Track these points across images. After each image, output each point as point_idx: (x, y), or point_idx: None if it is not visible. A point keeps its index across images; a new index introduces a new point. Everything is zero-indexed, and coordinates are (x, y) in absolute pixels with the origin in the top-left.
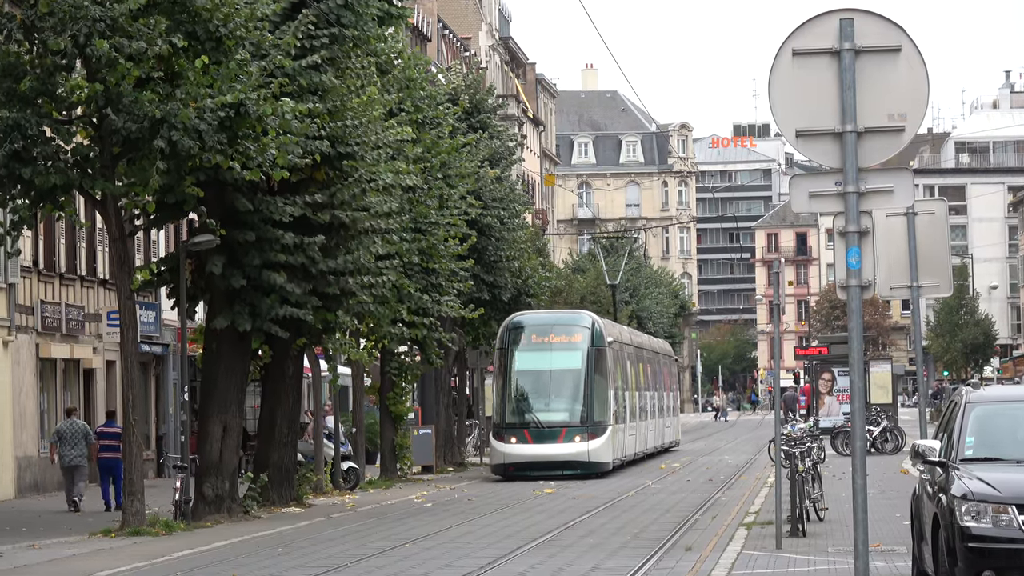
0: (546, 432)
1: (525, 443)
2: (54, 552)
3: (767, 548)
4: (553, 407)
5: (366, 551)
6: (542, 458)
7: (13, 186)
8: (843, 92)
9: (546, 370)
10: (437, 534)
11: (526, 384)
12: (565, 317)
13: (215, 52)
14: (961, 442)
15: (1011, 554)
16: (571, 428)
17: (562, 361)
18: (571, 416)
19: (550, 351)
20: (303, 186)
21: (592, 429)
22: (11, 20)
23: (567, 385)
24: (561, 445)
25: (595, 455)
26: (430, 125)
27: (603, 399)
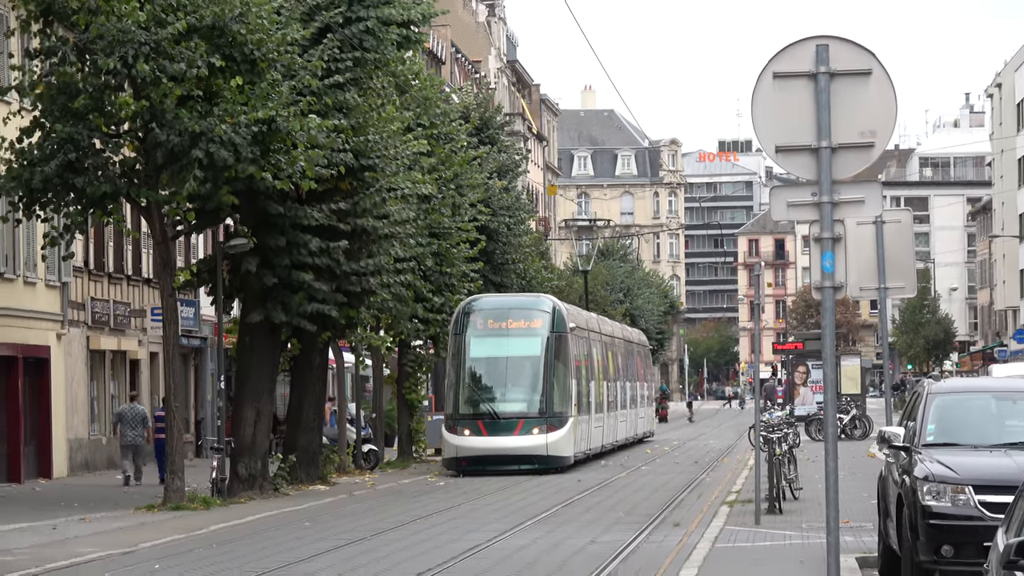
0: (502, 423)
1: (479, 435)
2: (102, 525)
3: (747, 524)
4: (510, 397)
5: (385, 525)
6: (497, 451)
7: (67, 194)
8: (819, 111)
9: (502, 357)
10: (448, 510)
11: (481, 372)
12: (524, 301)
13: (249, 73)
14: (923, 429)
15: (968, 531)
16: (529, 419)
17: (520, 348)
18: (529, 407)
19: (507, 337)
20: (329, 195)
21: (551, 421)
22: (65, 43)
23: (525, 373)
24: (518, 438)
25: (554, 448)
26: (444, 140)
27: (564, 389)
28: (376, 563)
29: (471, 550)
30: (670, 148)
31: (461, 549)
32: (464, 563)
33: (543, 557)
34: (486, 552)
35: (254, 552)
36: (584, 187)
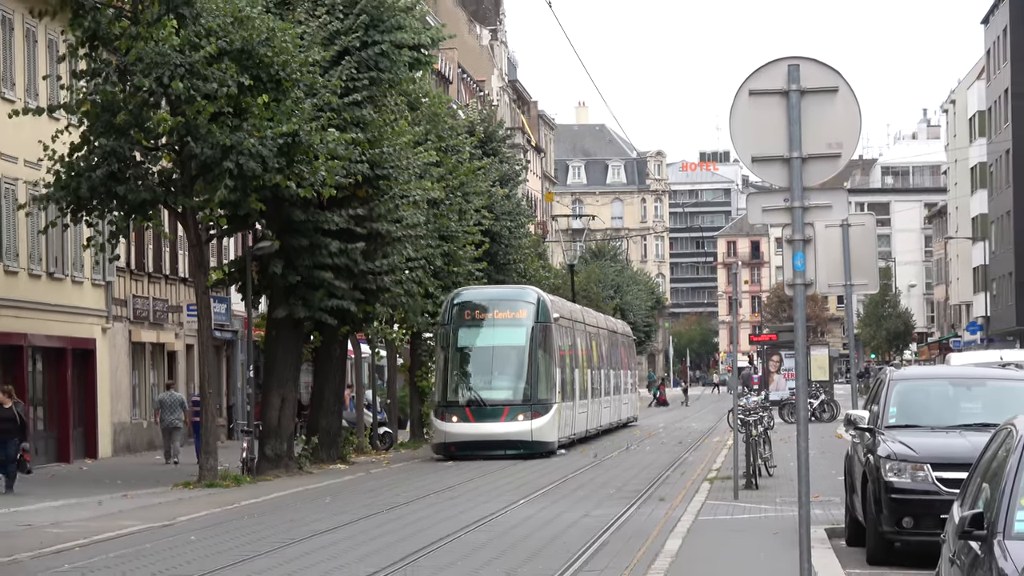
0: (488, 410)
1: (467, 422)
2: (143, 501)
3: (726, 498)
4: (496, 385)
5: (399, 500)
6: (484, 437)
7: (110, 201)
8: (791, 125)
9: (489, 346)
10: (456, 487)
11: (468, 361)
12: (510, 292)
13: (275, 91)
14: (885, 412)
15: (926, 504)
16: (514, 406)
17: (506, 337)
18: (514, 394)
19: (493, 327)
20: (347, 201)
21: (536, 407)
22: (108, 65)
23: (510, 362)
24: (503, 424)
25: (539, 434)
26: (451, 152)
27: (548, 376)
28: (392, 534)
29: (479, 521)
30: (656, 159)
31: (470, 520)
32: (473, 533)
33: (544, 527)
34: (493, 523)
35: (281, 524)
36: (578, 194)
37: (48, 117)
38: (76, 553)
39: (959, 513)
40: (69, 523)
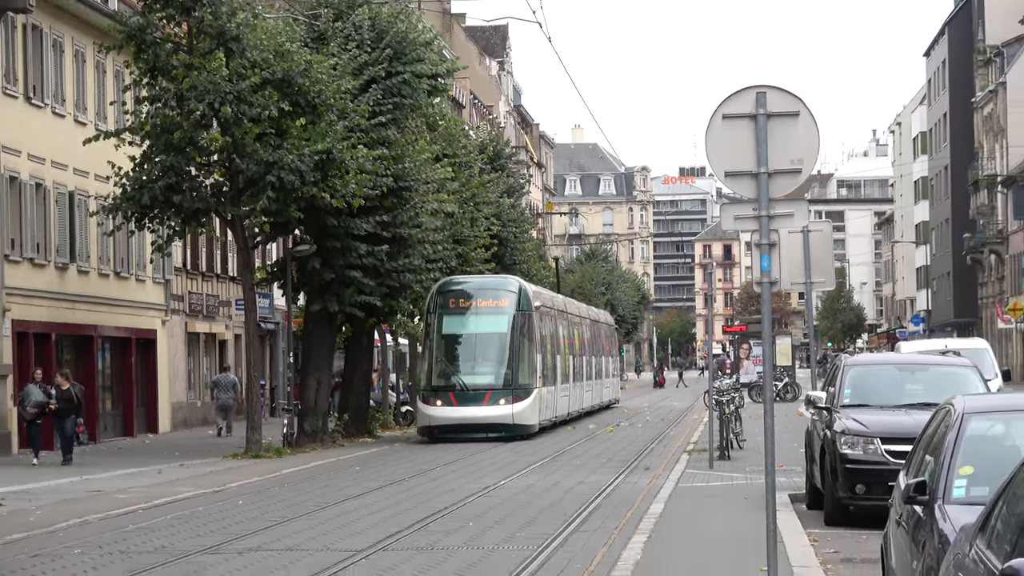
0: (471, 395)
1: (450, 406)
2: (197, 470)
3: (702, 468)
4: (478, 370)
5: (418, 469)
6: (467, 420)
7: (168, 210)
8: (758, 145)
9: (472, 333)
10: (465, 459)
11: (452, 347)
12: (492, 282)
13: (311, 115)
14: (840, 393)
15: (876, 473)
16: (496, 391)
17: (488, 325)
18: (496, 379)
19: (476, 315)
20: (374, 210)
21: (517, 392)
22: (166, 92)
23: (492, 348)
24: (485, 408)
25: (519, 417)
26: (464, 167)
27: (530, 362)
28: (413, 498)
29: (488, 488)
30: (641, 173)
31: (481, 487)
32: (484, 498)
33: (543, 494)
34: (500, 489)
35: (316, 490)
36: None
37: (116, 138)
38: (139, 515)
39: (904, 481)
40: (133, 489)
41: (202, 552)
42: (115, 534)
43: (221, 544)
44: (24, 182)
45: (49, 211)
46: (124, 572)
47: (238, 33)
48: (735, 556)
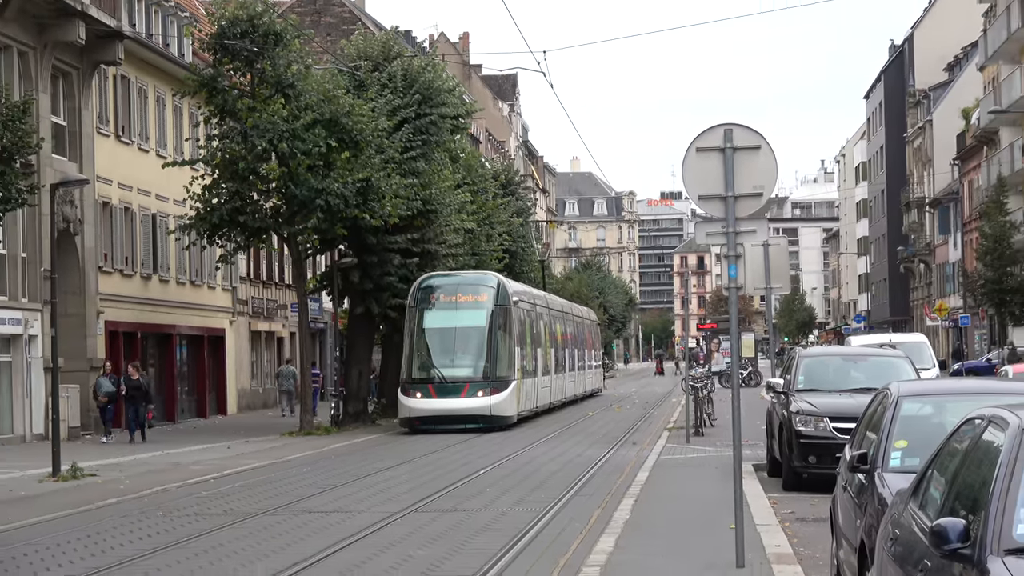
0: (449, 387)
1: (429, 398)
2: (260, 445)
3: (681, 443)
4: (457, 363)
5: (444, 445)
6: (445, 412)
7: (234, 228)
8: (726, 173)
9: (451, 327)
10: (485, 435)
11: (432, 341)
12: (472, 277)
13: (354, 149)
14: (795, 380)
15: (825, 447)
16: (474, 383)
17: (467, 319)
18: (474, 372)
19: (456, 310)
20: (406, 228)
21: (495, 384)
22: (233, 130)
23: (471, 342)
24: (464, 400)
25: (497, 409)
26: (481, 192)
27: (508, 355)
28: (438, 469)
29: (507, 457)
30: (628, 197)
31: (500, 456)
32: (505, 465)
33: (549, 463)
34: (517, 457)
35: (359, 462)
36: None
37: (191, 168)
38: (211, 483)
39: (849, 453)
40: (205, 461)
41: (263, 514)
42: (191, 499)
43: (279, 507)
44: (114, 206)
45: (135, 230)
46: (198, 531)
47: (293, 81)
48: (708, 515)
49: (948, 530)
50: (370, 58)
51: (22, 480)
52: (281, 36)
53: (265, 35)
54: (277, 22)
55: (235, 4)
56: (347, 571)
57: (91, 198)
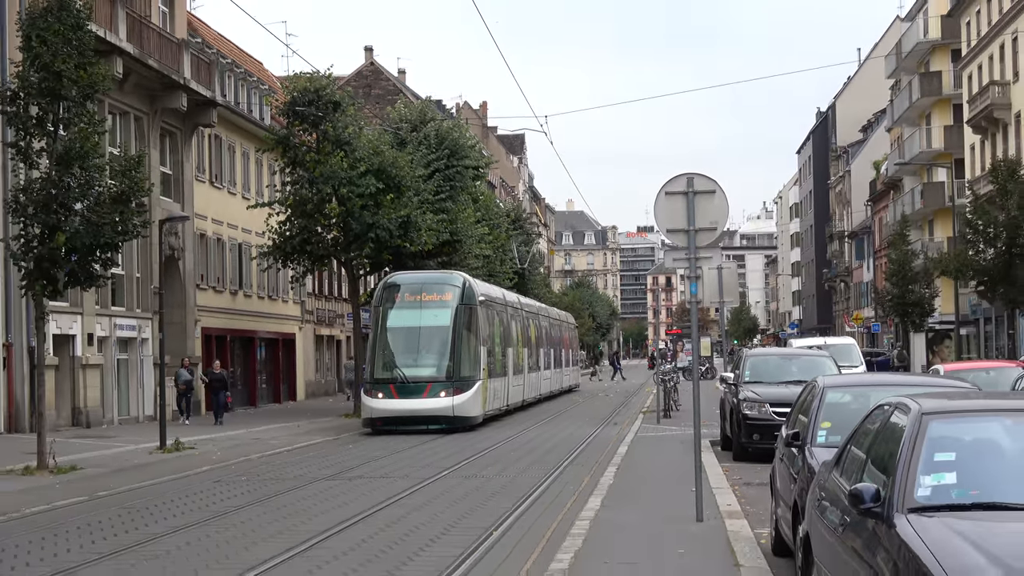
0: (411, 387)
1: (391, 398)
2: (322, 425)
3: (652, 423)
4: (420, 363)
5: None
6: (407, 412)
7: (303, 255)
8: (688, 211)
9: (415, 327)
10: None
11: (395, 340)
12: (437, 276)
13: (397, 192)
14: (743, 373)
15: (766, 427)
16: (436, 383)
17: (431, 318)
18: (437, 371)
19: (420, 309)
20: (437, 254)
21: (458, 384)
22: (302, 178)
23: (435, 342)
24: (426, 400)
25: (460, 409)
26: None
27: (473, 354)
28: (460, 444)
29: (516, 434)
30: (612, 230)
31: (509, 435)
32: (515, 441)
33: (552, 437)
34: (524, 435)
35: (398, 440)
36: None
37: (269, 208)
38: (284, 454)
39: (785, 432)
40: (280, 437)
41: (325, 479)
42: (268, 467)
43: (337, 474)
44: (209, 237)
45: (225, 256)
46: (275, 492)
47: (349, 139)
48: (675, 480)
49: (863, 493)
50: (409, 121)
51: (136, 452)
52: (340, 104)
53: (327, 104)
54: (337, 93)
55: (304, 79)
56: (393, 522)
57: (190, 231)
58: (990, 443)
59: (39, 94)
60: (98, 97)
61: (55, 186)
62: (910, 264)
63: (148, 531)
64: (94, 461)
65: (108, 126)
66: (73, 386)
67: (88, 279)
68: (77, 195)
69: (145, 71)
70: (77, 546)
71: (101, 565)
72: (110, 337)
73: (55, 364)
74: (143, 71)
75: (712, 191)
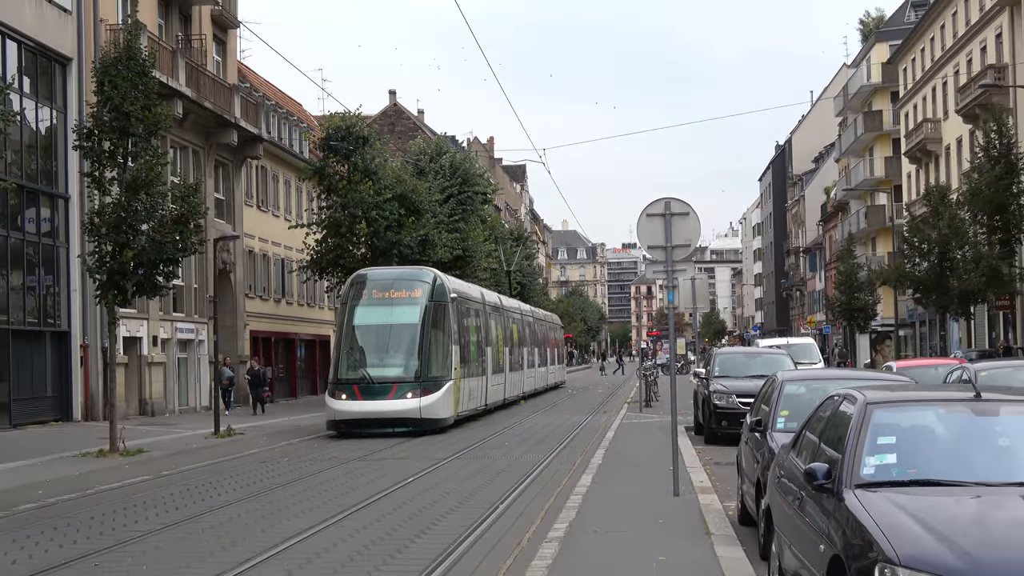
0: (376, 388)
1: (355, 399)
2: None
3: (636, 412)
4: (386, 363)
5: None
6: (371, 415)
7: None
8: (666, 230)
9: (382, 325)
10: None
11: (361, 339)
12: (406, 272)
13: (417, 215)
14: (713, 369)
15: (734, 414)
16: (403, 384)
17: (398, 316)
18: (404, 371)
19: (387, 306)
20: (451, 268)
21: (426, 385)
22: (335, 203)
23: (402, 340)
24: (391, 402)
25: (428, 411)
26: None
27: (443, 354)
28: (473, 430)
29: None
30: (600, 246)
31: (516, 421)
32: (518, 426)
33: (549, 423)
34: (528, 422)
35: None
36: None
37: (307, 228)
38: (321, 439)
39: (750, 419)
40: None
41: (356, 460)
42: (307, 449)
43: (367, 455)
44: (256, 253)
45: (270, 269)
46: (313, 471)
47: (376, 170)
48: (655, 459)
49: (817, 471)
50: (427, 154)
51: (194, 437)
52: (368, 140)
53: (357, 139)
54: (365, 130)
55: (337, 118)
56: (416, 495)
57: (240, 248)
58: (925, 429)
59: (111, 131)
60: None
61: (124, 210)
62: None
63: (204, 505)
64: (158, 445)
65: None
66: (140, 380)
67: (153, 289)
68: (143, 217)
69: (201, 111)
70: (144, 518)
71: (166, 533)
72: (171, 339)
73: (125, 362)
74: (200, 111)
75: (686, 213)
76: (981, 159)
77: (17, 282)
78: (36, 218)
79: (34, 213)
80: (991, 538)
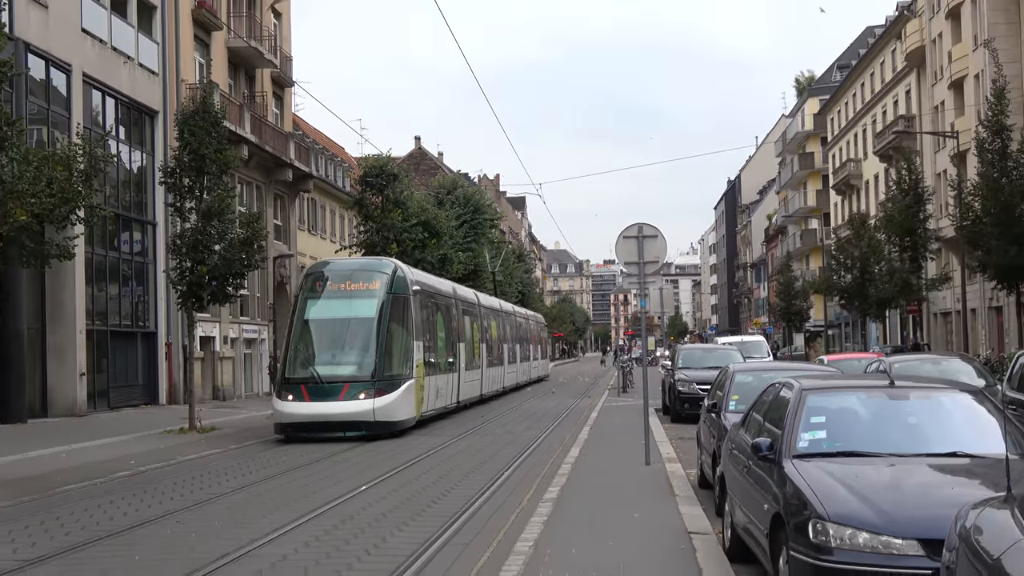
0: (325, 388)
1: (302, 401)
2: None
3: (615, 396)
4: (337, 361)
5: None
6: (319, 418)
7: None
8: (639, 249)
9: (334, 319)
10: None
11: (312, 335)
12: (364, 263)
13: (437, 237)
14: (677, 361)
15: (694, 399)
16: (355, 384)
17: (353, 310)
18: (357, 370)
19: (341, 299)
20: (465, 281)
21: (380, 385)
22: (371, 227)
23: (356, 337)
24: (341, 403)
25: (383, 413)
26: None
27: (403, 351)
28: (479, 415)
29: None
30: (586, 263)
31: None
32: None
33: (543, 407)
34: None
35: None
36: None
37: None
38: None
39: (707, 402)
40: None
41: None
42: None
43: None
44: None
45: None
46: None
47: (404, 200)
48: (630, 435)
49: (761, 445)
50: (445, 187)
51: (257, 417)
52: (397, 176)
53: (389, 176)
54: (395, 169)
55: (372, 159)
56: (429, 469)
57: (295, 264)
58: (849, 410)
59: (189, 170)
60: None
61: (201, 234)
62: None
63: (265, 472)
64: (228, 424)
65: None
66: (213, 371)
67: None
68: (216, 239)
69: (263, 154)
70: (217, 483)
71: (238, 494)
72: (239, 338)
73: (201, 356)
74: (261, 154)
75: (655, 235)
76: (894, 191)
77: (114, 292)
78: (130, 240)
79: (128, 236)
80: (903, 499)
